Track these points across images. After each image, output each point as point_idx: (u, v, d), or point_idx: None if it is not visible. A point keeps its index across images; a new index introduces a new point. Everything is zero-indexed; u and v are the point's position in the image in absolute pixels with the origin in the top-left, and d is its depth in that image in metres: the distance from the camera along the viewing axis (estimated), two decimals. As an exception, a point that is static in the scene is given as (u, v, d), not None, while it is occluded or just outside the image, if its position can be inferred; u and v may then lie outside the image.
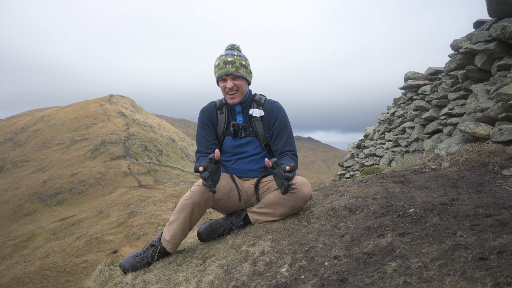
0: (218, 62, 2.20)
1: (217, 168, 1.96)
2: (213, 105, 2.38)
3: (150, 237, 19.06)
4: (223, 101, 2.35)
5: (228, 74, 2.16)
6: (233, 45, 2.28)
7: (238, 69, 2.17)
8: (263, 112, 2.28)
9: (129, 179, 44.78)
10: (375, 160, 8.23)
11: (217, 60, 2.22)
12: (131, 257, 2.09)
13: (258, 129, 2.28)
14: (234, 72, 2.15)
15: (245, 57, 2.25)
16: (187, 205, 2.00)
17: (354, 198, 2.26)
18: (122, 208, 28.96)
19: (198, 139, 2.34)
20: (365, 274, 1.20)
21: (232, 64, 2.16)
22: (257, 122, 2.28)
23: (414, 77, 6.67)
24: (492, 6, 3.52)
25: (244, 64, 2.22)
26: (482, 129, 3.06)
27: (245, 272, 1.58)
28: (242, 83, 2.21)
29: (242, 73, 2.19)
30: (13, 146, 73.63)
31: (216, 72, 2.21)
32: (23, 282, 16.03)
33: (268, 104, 2.31)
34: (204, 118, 2.34)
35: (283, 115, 2.30)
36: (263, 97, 2.35)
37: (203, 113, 2.36)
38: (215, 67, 2.22)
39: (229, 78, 2.17)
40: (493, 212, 1.42)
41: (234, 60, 2.17)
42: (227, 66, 2.15)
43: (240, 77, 2.20)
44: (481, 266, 0.98)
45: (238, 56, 2.20)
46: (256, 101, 2.31)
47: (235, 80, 2.18)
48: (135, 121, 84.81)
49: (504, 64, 3.57)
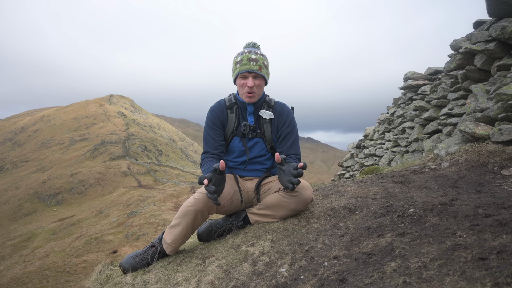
0: (241, 58, 2.14)
1: (222, 178, 1.90)
2: (223, 103, 2.29)
3: (149, 237, 19.06)
4: (232, 99, 2.28)
5: (251, 72, 2.12)
6: (254, 43, 2.25)
7: (261, 68, 2.14)
8: (273, 114, 2.25)
9: (128, 179, 44.77)
10: (374, 160, 8.23)
11: (239, 56, 2.17)
12: (131, 257, 2.09)
13: (265, 131, 2.26)
14: (257, 70, 2.12)
15: (266, 57, 2.23)
16: (190, 212, 1.98)
17: (354, 198, 2.26)
18: (122, 208, 28.95)
19: (206, 139, 2.26)
20: (364, 274, 1.20)
21: (256, 62, 2.12)
22: (265, 124, 2.26)
23: (413, 77, 6.68)
24: (492, 6, 3.52)
25: (266, 64, 2.20)
26: (481, 129, 3.06)
27: (245, 272, 1.58)
28: (262, 83, 2.19)
29: (263, 73, 2.16)
30: (12, 146, 73.57)
31: (237, 68, 2.15)
32: (22, 282, 16.03)
33: (278, 107, 2.29)
34: (214, 117, 2.26)
35: (292, 119, 2.30)
36: (273, 99, 2.32)
37: (214, 112, 2.27)
38: (237, 63, 2.16)
39: (251, 76, 2.12)
40: (493, 212, 1.42)
41: (258, 58, 2.14)
42: (251, 63, 2.11)
43: (261, 77, 2.17)
44: (481, 266, 0.98)
45: (261, 55, 2.18)
46: (267, 102, 2.28)
47: (256, 79, 2.14)
48: (134, 121, 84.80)
49: (503, 64, 3.57)
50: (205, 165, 2.14)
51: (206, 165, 2.14)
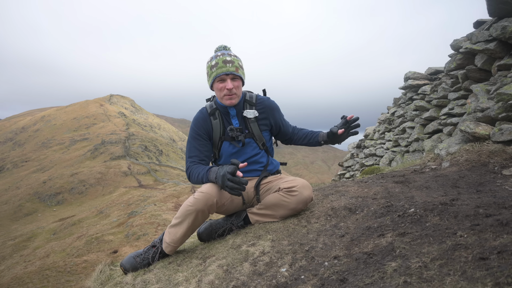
0: (216, 62, 2.10)
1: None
2: (205, 111, 2.23)
3: (150, 237, 19.06)
4: (213, 105, 2.23)
5: (229, 74, 2.08)
6: (225, 46, 2.21)
7: (237, 69, 2.10)
8: (257, 112, 2.23)
9: (129, 179, 44.78)
10: (375, 160, 8.23)
11: (214, 60, 2.12)
12: (132, 257, 2.09)
13: (254, 130, 2.24)
14: (234, 71, 2.08)
15: (239, 58, 2.19)
16: (191, 212, 1.97)
17: (354, 198, 2.26)
18: (122, 208, 28.96)
19: (191, 150, 2.20)
20: (365, 274, 1.20)
21: (232, 64, 2.08)
22: (252, 123, 2.23)
23: (414, 77, 6.67)
24: (492, 6, 3.51)
25: (241, 65, 2.17)
26: (482, 129, 3.06)
27: (245, 272, 1.58)
28: (240, 84, 2.15)
29: (240, 74, 2.13)
30: (13, 146, 73.62)
31: (213, 72, 2.10)
32: (23, 282, 16.04)
33: (259, 104, 2.27)
34: (198, 128, 2.20)
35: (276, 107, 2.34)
36: (253, 95, 2.29)
37: (197, 122, 2.21)
38: (212, 67, 2.11)
39: (228, 78, 2.08)
40: (494, 212, 1.42)
41: (233, 59, 2.10)
42: (227, 65, 2.07)
43: (239, 78, 2.13)
44: (482, 266, 0.98)
45: (235, 57, 2.14)
46: (248, 101, 2.25)
47: (234, 81, 2.10)
48: (135, 121, 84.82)
49: (504, 64, 3.57)
50: (199, 168, 2.10)
51: (199, 168, 2.11)
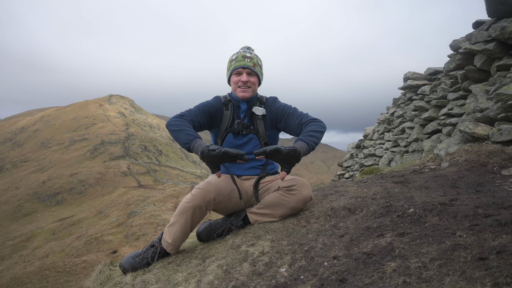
0: (236, 56, 2.25)
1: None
2: (220, 100, 2.34)
3: (149, 237, 19.06)
4: (228, 97, 2.35)
5: (245, 67, 2.20)
6: (249, 47, 2.36)
7: (255, 65, 2.24)
8: (265, 111, 2.32)
9: (128, 179, 44.78)
10: (374, 160, 8.24)
11: (234, 55, 2.27)
12: (131, 257, 2.09)
13: (259, 127, 2.31)
14: (251, 66, 2.21)
15: (260, 58, 2.34)
16: (188, 208, 1.99)
17: (354, 198, 2.26)
18: (122, 208, 28.96)
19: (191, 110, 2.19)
20: (364, 274, 1.20)
21: (250, 59, 2.22)
22: (258, 120, 2.31)
23: (413, 77, 6.68)
24: (491, 6, 3.52)
25: (260, 64, 2.31)
26: (481, 129, 3.06)
27: (245, 272, 1.58)
28: (256, 81, 2.27)
29: (257, 70, 2.26)
30: (12, 146, 73.56)
31: (232, 65, 2.24)
32: (22, 282, 16.03)
33: (269, 103, 2.36)
34: (210, 106, 2.26)
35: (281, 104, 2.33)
36: (264, 96, 2.40)
37: (210, 105, 2.27)
38: (232, 61, 2.26)
39: (245, 72, 2.21)
40: (493, 212, 1.43)
41: (252, 57, 2.25)
42: (245, 60, 2.21)
43: (255, 75, 2.25)
44: (481, 266, 0.98)
45: (255, 55, 2.29)
46: (259, 99, 2.36)
47: (250, 76, 2.23)
48: (134, 121, 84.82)
49: (503, 64, 3.58)
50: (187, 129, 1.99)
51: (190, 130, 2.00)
